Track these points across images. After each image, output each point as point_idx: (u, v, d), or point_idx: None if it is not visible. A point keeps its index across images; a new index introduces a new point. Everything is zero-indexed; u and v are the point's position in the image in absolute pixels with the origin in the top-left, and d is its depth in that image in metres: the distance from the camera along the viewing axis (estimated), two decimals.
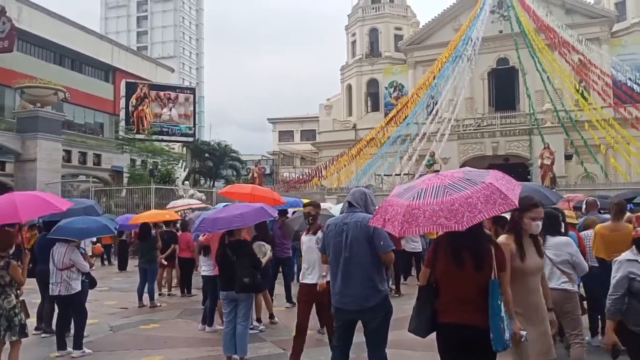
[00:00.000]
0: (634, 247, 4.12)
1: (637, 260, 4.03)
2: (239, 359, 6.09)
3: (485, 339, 3.43)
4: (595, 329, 6.55)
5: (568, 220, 6.37)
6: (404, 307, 6.86)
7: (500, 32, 34.44)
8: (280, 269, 10.11)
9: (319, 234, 5.85)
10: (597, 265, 6.12)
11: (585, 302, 5.89)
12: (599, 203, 8.45)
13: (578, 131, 28.34)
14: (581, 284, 6.39)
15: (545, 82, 29.96)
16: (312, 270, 6.10)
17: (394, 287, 10.89)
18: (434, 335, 3.75)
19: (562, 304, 4.84)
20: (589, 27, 33.47)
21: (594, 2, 35.70)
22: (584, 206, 8.22)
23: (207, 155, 41.31)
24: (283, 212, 9.99)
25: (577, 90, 29.85)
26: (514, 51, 32.04)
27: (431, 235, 8.84)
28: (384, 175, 29.56)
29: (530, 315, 3.83)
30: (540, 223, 3.90)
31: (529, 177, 25.95)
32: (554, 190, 18.92)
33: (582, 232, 6.72)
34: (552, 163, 24.72)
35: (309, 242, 6.22)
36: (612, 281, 4.07)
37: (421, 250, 12.04)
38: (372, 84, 40.91)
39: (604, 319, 6.39)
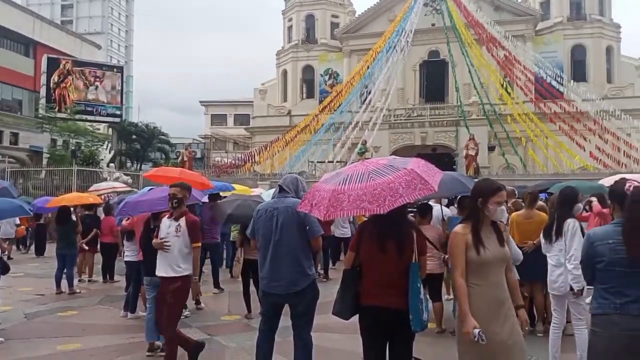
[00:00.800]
0: None
1: None
2: (161, 345, 5.94)
3: (405, 321, 3.57)
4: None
5: None
6: (331, 291, 6.85)
7: (433, 25, 35.32)
8: (208, 255, 9.95)
9: (182, 221, 5.32)
10: None
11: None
12: (516, 192, 8.96)
13: (501, 124, 29.76)
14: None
15: (473, 75, 31.13)
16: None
17: (322, 271, 11.00)
18: (357, 318, 3.84)
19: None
20: (515, 25, 34.97)
21: (521, 1, 37.33)
22: None
23: (134, 137, 39.88)
24: (215, 196, 9.80)
25: (502, 85, 31.30)
26: (445, 44, 33.02)
27: (361, 220, 9.02)
28: (317, 162, 29.74)
29: (493, 312, 3.42)
30: (504, 208, 3.77)
31: (454, 166, 26.93)
32: (476, 179, 19.75)
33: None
34: (477, 154, 25.84)
35: (167, 229, 5.35)
36: None
37: (350, 235, 12.22)
38: (308, 70, 40.86)
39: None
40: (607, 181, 9.00)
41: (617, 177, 7.46)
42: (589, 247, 3.17)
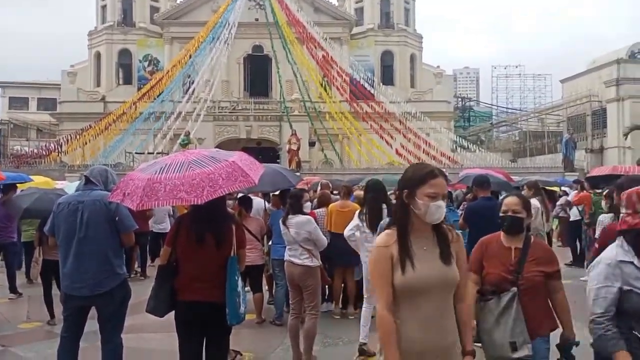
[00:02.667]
0: (622, 241, 2.71)
1: (632, 263, 2.61)
2: None
3: (221, 314, 3.55)
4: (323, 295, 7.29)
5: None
6: (148, 289, 6.57)
7: (257, 20, 35.62)
8: (2, 256, 8.73)
9: None
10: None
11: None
12: (331, 185, 9.56)
13: (320, 121, 31.36)
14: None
15: (295, 73, 32.20)
16: None
17: (139, 269, 10.41)
18: (172, 315, 3.69)
19: (305, 279, 5.20)
20: (332, 27, 36.94)
21: (338, 5, 39.58)
22: (318, 188, 9.16)
23: None
24: (9, 189, 8.61)
25: (321, 84, 32.94)
26: (269, 40, 33.55)
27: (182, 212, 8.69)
28: (136, 153, 28.05)
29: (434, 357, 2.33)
30: (442, 204, 2.38)
31: (278, 160, 27.61)
32: (298, 173, 20.52)
33: (317, 210, 7.42)
34: (298, 148, 26.83)
35: None
36: (593, 295, 2.65)
37: None
38: (125, 54, 38.19)
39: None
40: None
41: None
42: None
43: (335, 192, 9.20)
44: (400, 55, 38.91)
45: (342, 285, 7.05)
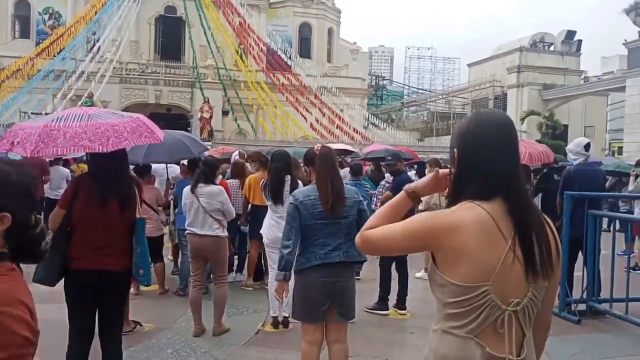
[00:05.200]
0: None
1: None
2: None
3: (121, 283, 3.47)
4: (231, 265, 7.19)
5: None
6: None
7: None
8: None
9: None
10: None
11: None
12: (246, 156, 9.36)
13: (235, 90, 30.64)
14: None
15: (209, 38, 31.11)
16: None
17: None
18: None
19: (216, 249, 5.08)
20: None
21: None
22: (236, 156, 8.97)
23: None
24: None
25: (237, 52, 32.10)
26: (182, 1, 32.09)
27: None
28: (32, 112, 25.90)
29: None
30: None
31: (189, 128, 26.70)
32: (209, 142, 20.04)
33: (229, 180, 7.25)
34: (211, 117, 26.17)
35: None
36: None
37: None
38: (22, 5, 34.78)
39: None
40: None
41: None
42: (296, 207, 3.47)
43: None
44: (319, 29, 38.78)
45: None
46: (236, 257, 7.17)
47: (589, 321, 5.65)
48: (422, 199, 1.79)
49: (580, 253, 5.95)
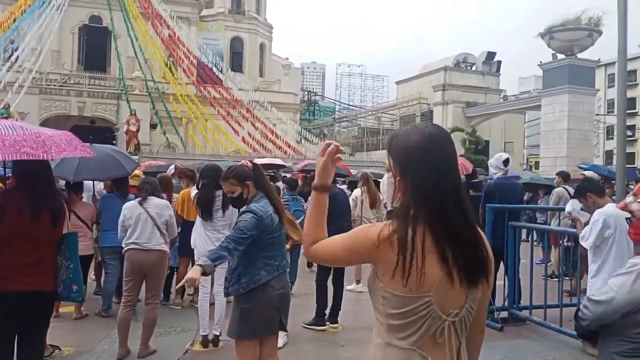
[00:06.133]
0: None
1: None
2: None
3: (47, 303, 3.37)
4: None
5: (133, 182, 6.49)
6: None
7: None
8: None
9: None
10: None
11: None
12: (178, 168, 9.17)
13: (163, 103, 29.90)
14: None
15: (137, 49, 30.28)
16: None
17: None
18: None
19: (159, 265, 4.89)
20: (181, 6, 35.41)
21: None
22: (172, 170, 8.78)
23: None
24: None
25: (166, 64, 31.42)
26: (109, 11, 31.10)
27: None
28: None
29: None
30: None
31: (114, 141, 25.76)
32: (136, 156, 19.40)
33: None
34: (138, 130, 25.38)
35: None
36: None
37: None
38: None
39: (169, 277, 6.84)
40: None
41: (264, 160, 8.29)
42: (260, 221, 3.38)
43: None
44: (250, 43, 38.75)
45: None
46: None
47: (511, 328, 5.91)
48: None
49: (501, 262, 6.23)
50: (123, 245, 4.94)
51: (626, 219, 2.86)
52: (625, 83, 5.84)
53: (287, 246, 4.54)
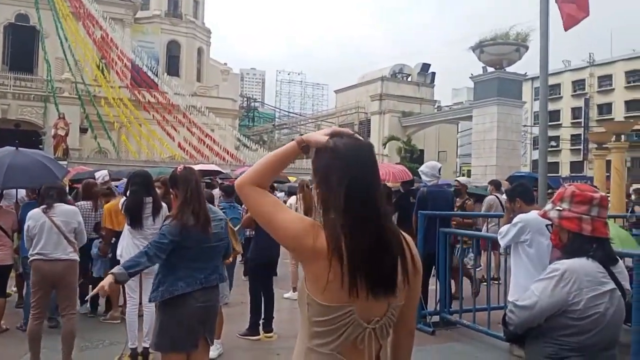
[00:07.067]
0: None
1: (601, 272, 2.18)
2: None
3: None
4: (84, 296, 6.61)
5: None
6: None
7: None
8: None
9: None
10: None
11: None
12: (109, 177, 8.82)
13: (95, 106, 28.83)
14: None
15: (67, 50, 29.05)
16: None
17: None
18: None
19: (69, 275, 4.69)
20: (115, 7, 34.34)
21: None
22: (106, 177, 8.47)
23: None
24: None
25: (98, 66, 30.30)
26: (36, 10, 29.68)
27: None
28: None
29: None
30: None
31: (41, 146, 24.52)
32: (65, 162, 18.54)
33: (79, 202, 6.72)
34: (67, 134, 24.30)
35: None
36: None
37: None
38: None
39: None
40: None
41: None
42: (184, 227, 3.31)
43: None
44: (187, 47, 38.08)
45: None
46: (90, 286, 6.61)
47: (443, 331, 6.07)
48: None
49: (434, 268, 6.39)
50: (28, 256, 4.71)
51: (546, 225, 3.00)
52: (546, 96, 6.15)
53: (229, 259, 4.45)
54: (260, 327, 5.85)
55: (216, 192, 9.14)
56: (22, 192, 7.28)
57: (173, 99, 30.65)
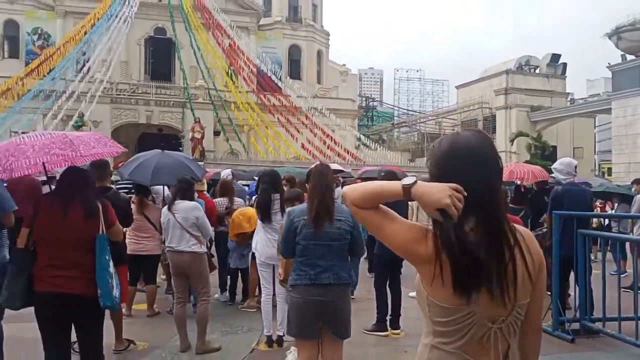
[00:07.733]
0: None
1: None
2: None
3: (92, 304, 3.28)
4: (224, 285, 7.14)
5: (198, 187, 6.74)
6: None
7: (160, 0, 34.18)
8: None
9: None
10: None
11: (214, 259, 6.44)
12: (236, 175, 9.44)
13: (226, 110, 30.77)
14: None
15: (199, 59, 31.31)
16: None
17: None
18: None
19: (194, 266, 5.08)
20: (240, 16, 36.34)
21: None
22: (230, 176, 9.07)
23: None
24: None
25: (227, 73, 32.31)
26: (171, 23, 32.35)
27: None
28: (22, 132, 25.76)
29: None
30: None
31: (180, 148, 26.74)
32: (201, 162, 20.03)
33: (217, 199, 7.27)
34: (202, 137, 26.23)
35: None
36: None
37: None
38: (11, 25, 34.90)
39: (234, 278, 7.04)
40: None
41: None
42: (290, 223, 3.49)
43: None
44: (308, 51, 39.19)
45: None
46: (229, 276, 7.12)
47: (583, 340, 5.67)
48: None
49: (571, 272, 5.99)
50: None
51: None
52: None
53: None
54: (388, 324, 5.91)
55: (338, 190, 9.33)
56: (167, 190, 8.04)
57: (296, 101, 31.75)
